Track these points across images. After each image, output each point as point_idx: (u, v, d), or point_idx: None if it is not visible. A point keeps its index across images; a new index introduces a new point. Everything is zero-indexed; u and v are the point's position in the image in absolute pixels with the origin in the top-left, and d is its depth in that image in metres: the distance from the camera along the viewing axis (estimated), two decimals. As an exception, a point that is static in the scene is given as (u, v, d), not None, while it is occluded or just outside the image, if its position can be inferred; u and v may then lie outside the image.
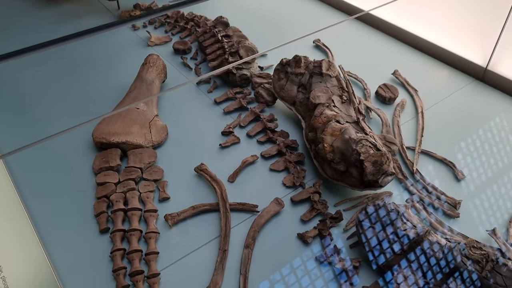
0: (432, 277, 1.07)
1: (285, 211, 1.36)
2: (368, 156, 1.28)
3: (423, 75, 1.93)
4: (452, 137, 1.62)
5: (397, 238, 1.12)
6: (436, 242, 1.09)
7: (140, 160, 1.48)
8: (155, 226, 1.30)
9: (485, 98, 1.81)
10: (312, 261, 1.23)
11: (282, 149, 1.53)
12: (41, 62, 1.98)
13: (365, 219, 1.19)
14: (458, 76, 1.93)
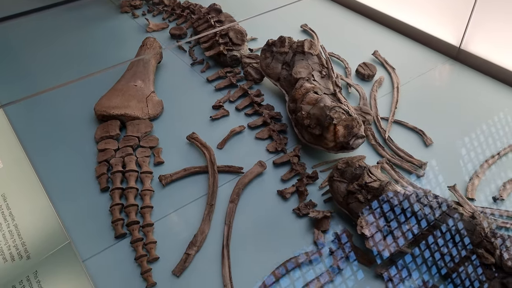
0: (391, 220, 1.21)
1: (267, 172, 1.51)
2: (340, 120, 1.42)
3: (401, 55, 2.06)
4: (424, 109, 1.76)
5: (362, 189, 1.26)
6: (396, 191, 1.23)
7: (137, 130, 1.63)
8: (150, 185, 1.45)
9: (458, 76, 1.94)
10: (289, 213, 1.37)
11: (267, 120, 1.68)
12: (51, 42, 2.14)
13: (338, 176, 1.33)
14: (434, 55, 2.07)
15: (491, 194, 1.41)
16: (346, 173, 1.32)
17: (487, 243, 1.11)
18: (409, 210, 1.20)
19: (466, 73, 1.96)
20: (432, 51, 2.09)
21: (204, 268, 1.23)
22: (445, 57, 2.05)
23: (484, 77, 1.92)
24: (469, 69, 1.97)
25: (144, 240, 1.28)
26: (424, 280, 1.18)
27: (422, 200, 1.20)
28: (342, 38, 2.20)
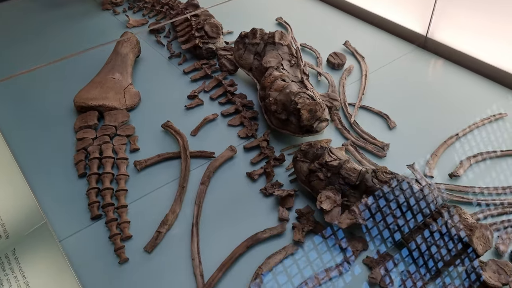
0: (348, 194, 1.29)
1: (238, 156, 1.58)
2: (304, 105, 1.50)
3: (371, 44, 2.14)
4: (390, 95, 1.84)
5: (323, 168, 1.34)
6: (354, 169, 1.31)
7: (114, 120, 1.70)
8: (126, 170, 1.52)
9: (425, 63, 2.03)
10: (257, 193, 1.45)
11: (239, 107, 1.75)
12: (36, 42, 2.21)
13: (301, 157, 1.41)
14: (402, 44, 2.15)
15: (449, 171, 1.49)
16: (309, 154, 1.40)
17: (434, 212, 1.19)
18: (365, 185, 1.28)
19: (432, 60, 2.04)
20: (401, 40, 2.17)
21: (174, 245, 1.31)
22: (413, 45, 2.13)
23: (450, 64, 2.01)
24: (436, 57, 2.05)
25: (118, 220, 1.35)
26: (378, 251, 1.26)
27: (379, 176, 1.28)
28: (315, 30, 2.28)
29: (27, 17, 2.49)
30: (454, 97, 1.82)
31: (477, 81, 1.91)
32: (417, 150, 1.59)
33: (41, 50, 2.18)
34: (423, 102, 1.80)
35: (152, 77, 1.99)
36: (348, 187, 1.30)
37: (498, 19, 1.82)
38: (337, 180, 1.31)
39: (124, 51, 1.96)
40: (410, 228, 1.21)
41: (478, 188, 1.43)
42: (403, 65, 2.02)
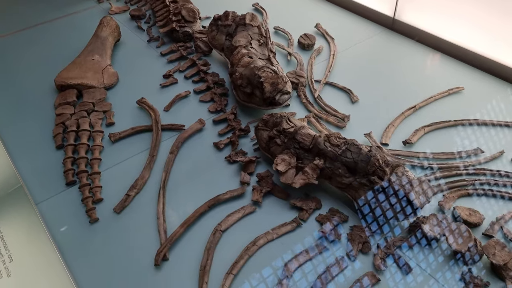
0: (303, 157, 1.38)
1: (206, 129, 1.68)
2: (267, 78, 1.60)
3: (341, 27, 2.24)
4: (356, 73, 1.93)
5: (281, 134, 1.44)
6: (308, 134, 1.41)
7: (92, 97, 1.80)
8: (100, 142, 1.62)
9: (391, 44, 2.12)
10: (222, 161, 1.55)
11: (211, 85, 1.85)
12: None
13: (262, 125, 1.51)
14: (371, 26, 2.24)
15: (404, 139, 1.58)
16: (269, 123, 1.50)
17: (379, 171, 1.28)
18: (318, 148, 1.37)
19: (399, 41, 2.13)
20: (370, 22, 2.27)
21: (142, 206, 1.41)
22: (382, 27, 2.22)
23: (415, 44, 2.10)
24: (403, 37, 2.15)
25: (91, 185, 1.45)
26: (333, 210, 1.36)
27: (331, 141, 1.37)
28: (290, 14, 2.37)
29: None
30: (416, 74, 1.92)
31: (439, 58, 2.00)
32: (376, 121, 1.68)
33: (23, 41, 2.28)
34: (387, 79, 1.90)
35: (131, 59, 2.09)
36: (302, 151, 1.40)
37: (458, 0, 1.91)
38: (293, 145, 1.41)
39: (104, 35, 2.05)
40: (357, 185, 1.31)
41: (428, 153, 1.52)
42: (371, 45, 2.11)
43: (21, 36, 2.31)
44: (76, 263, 1.26)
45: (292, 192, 1.41)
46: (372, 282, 1.17)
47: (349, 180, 1.32)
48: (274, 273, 1.20)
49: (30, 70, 2.03)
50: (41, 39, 2.27)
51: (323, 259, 1.24)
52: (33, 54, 2.15)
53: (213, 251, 1.26)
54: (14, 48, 2.21)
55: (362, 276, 1.18)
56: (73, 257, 1.27)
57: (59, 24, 2.40)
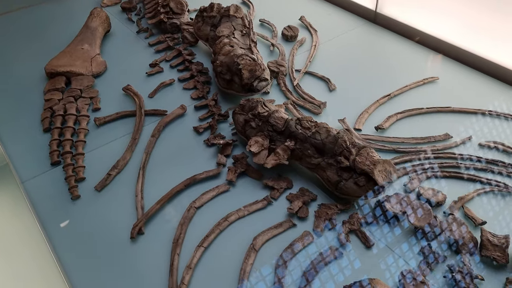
0: (275, 139, 1.45)
1: (188, 114, 1.75)
2: (245, 65, 1.66)
3: (325, 20, 2.30)
4: (336, 63, 2.00)
5: (256, 118, 1.50)
6: (281, 117, 1.47)
7: (80, 84, 1.87)
8: (86, 125, 1.69)
9: (372, 36, 2.18)
10: (201, 144, 1.62)
11: (194, 73, 1.92)
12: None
13: (239, 110, 1.58)
14: (354, 19, 2.30)
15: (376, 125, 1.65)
16: (246, 107, 1.56)
17: (346, 152, 1.35)
18: (290, 131, 1.44)
19: (380, 33, 2.19)
20: (353, 15, 2.33)
21: (122, 185, 1.48)
22: (364, 20, 2.28)
23: (395, 36, 2.16)
24: (384, 30, 2.21)
25: (74, 165, 1.53)
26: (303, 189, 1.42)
27: (302, 124, 1.44)
28: (276, 7, 2.44)
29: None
30: (395, 65, 1.98)
31: (417, 50, 2.06)
32: (352, 109, 1.74)
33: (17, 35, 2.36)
34: (365, 69, 1.96)
35: (120, 49, 2.16)
36: (275, 133, 1.46)
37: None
38: (266, 128, 1.47)
39: (94, 25, 2.13)
40: (324, 165, 1.37)
41: (398, 138, 1.58)
42: (352, 37, 2.18)
43: (12, 18, 2.38)
44: (57, 237, 1.32)
45: (265, 172, 1.48)
46: (335, 255, 1.23)
47: (317, 161, 1.39)
48: (244, 246, 1.26)
49: (21, 58, 2.10)
50: (32, 24, 2.35)
51: (291, 234, 1.30)
52: (24, 41, 2.22)
53: (187, 226, 1.33)
54: (5, 31, 2.29)
55: (325, 249, 1.25)
56: (54, 231, 1.34)
57: (50, 8, 2.47)
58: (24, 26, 2.36)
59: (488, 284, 1.17)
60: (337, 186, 1.35)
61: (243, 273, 1.20)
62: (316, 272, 1.20)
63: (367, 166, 1.30)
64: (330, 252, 1.24)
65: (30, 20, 2.41)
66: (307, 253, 1.25)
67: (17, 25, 2.37)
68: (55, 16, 2.45)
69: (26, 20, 2.41)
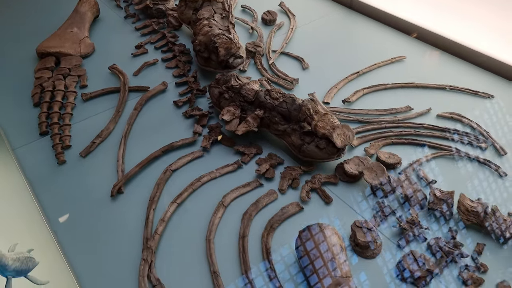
0: (246, 109, 1.57)
1: (169, 90, 1.87)
2: (221, 43, 1.78)
3: (303, 5, 2.42)
4: (310, 45, 2.12)
5: (229, 90, 1.62)
6: (252, 89, 1.59)
7: (69, 64, 1.99)
8: (73, 100, 1.81)
9: (348, 21, 2.30)
10: (180, 116, 1.73)
11: (176, 53, 2.04)
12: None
13: (214, 84, 1.70)
14: (331, 4, 2.42)
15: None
16: (220, 81, 1.68)
17: (309, 118, 1.47)
18: (259, 101, 1.56)
19: (355, 18, 2.32)
20: (331, 1, 2.45)
21: (105, 152, 1.59)
22: (341, 6, 2.41)
23: (369, 20, 2.28)
24: (359, 15, 2.33)
25: (61, 134, 1.65)
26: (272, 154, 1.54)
27: (271, 94, 1.56)
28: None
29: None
30: (367, 47, 2.10)
31: (388, 33, 2.18)
32: (323, 85, 1.86)
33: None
34: (338, 50, 2.08)
35: (108, 33, 2.28)
36: (246, 104, 1.58)
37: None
38: (238, 98, 1.59)
39: (83, 10, 2.25)
40: (290, 131, 1.49)
41: (363, 110, 1.70)
42: (328, 21, 2.30)
43: (6, 3, 2.49)
44: (45, 197, 1.44)
45: (237, 141, 1.60)
46: (296, 210, 1.36)
47: (284, 127, 1.51)
48: (214, 204, 1.38)
49: (13, 41, 2.22)
50: (25, 9, 2.46)
51: (258, 193, 1.42)
52: (17, 25, 2.34)
53: (163, 186, 1.45)
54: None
55: (288, 204, 1.37)
56: (42, 192, 1.46)
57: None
58: (17, 11, 2.47)
59: (433, 234, 1.29)
60: (300, 149, 1.47)
61: (212, 225, 1.32)
62: (278, 223, 1.32)
63: (327, 130, 1.42)
64: (292, 207, 1.36)
65: (23, 6, 2.52)
66: (272, 208, 1.37)
67: (10, 11, 2.48)
68: (46, 2, 2.56)
69: (20, 6, 2.52)
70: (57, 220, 1.38)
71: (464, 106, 1.73)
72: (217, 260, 1.24)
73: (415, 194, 1.35)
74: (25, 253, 1.19)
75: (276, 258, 1.24)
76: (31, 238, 1.34)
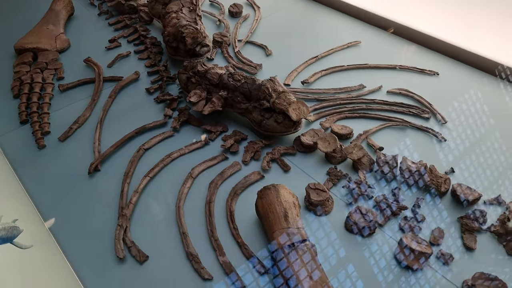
0: (211, 91, 1.71)
1: (141, 79, 2.00)
2: (188, 33, 1.92)
3: None
4: (273, 34, 2.27)
5: (196, 75, 1.76)
6: (216, 73, 1.73)
7: (46, 58, 2.11)
8: (51, 91, 1.93)
9: (310, 11, 2.46)
10: (152, 102, 1.87)
11: (148, 45, 2.17)
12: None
13: (182, 70, 1.83)
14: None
15: (303, 81, 1.92)
16: (188, 67, 1.82)
17: (268, 96, 1.61)
18: (223, 83, 1.70)
19: (316, 9, 2.48)
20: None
21: (82, 137, 1.72)
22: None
23: (329, 10, 2.44)
24: (319, 5, 2.49)
25: (40, 122, 1.77)
26: (236, 131, 1.68)
27: (234, 77, 1.70)
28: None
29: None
30: (326, 34, 2.26)
31: (346, 21, 2.35)
32: (285, 69, 2.01)
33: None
34: (300, 38, 2.24)
35: (82, 29, 2.40)
36: (212, 86, 1.72)
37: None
38: (204, 82, 1.73)
39: (58, 8, 2.36)
40: (251, 108, 1.64)
41: (320, 89, 1.86)
42: (291, 12, 2.45)
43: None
44: (28, 179, 1.55)
45: (204, 121, 1.74)
46: (258, 178, 1.50)
47: (246, 106, 1.65)
48: (184, 176, 1.52)
49: None
50: (1, 9, 2.57)
51: (223, 166, 1.57)
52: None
53: (136, 163, 1.58)
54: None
55: (250, 173, 1.51)
56: (25, 173, 1.58)
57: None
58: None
59: (379, 191, 1.45)
60: (261, 124, 1.62)
61: (181, 194, 1.46)
62: (242, 190, 1.46)
63: (284, 106, 1.57)
64: (253, 175, 1.51)
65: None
66: (236, 178, 1.52)
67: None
68: (21, 1, 2.67)
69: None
70: (39, 196, 1.50)
71: (412, 83, 1.90)
72: (186, 223, 1.38)
73: (364, 158, 1.51)
74: (10, 223, 1.31)
75: (239, 219, 1.38)
76: (15, 211, 1.45)
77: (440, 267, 1.25)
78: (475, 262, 1.26)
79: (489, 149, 1.60)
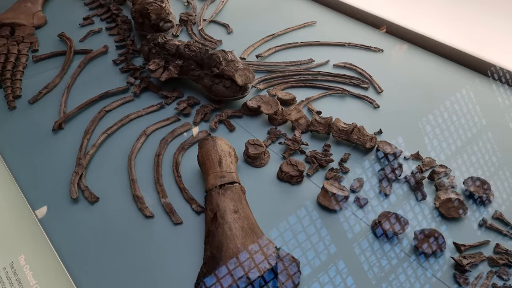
0: (169, 61, 1.87)
1: (110, 52, 2.16)
2: (153, 10, 2.08)
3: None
4: (237, 15, 2.43)
5: (156, 46, 1.92)
6: (175, 44, 1.89)
7: (22, 32, 2.27)
8: (25, 61, 2.09)
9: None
10: (118, 72, 2.03)
11: (119, 23, 2.33)
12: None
13: (145, 43, 1.99)
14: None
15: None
16: (150, 40, 1.98)
17: (218, 64, 1.77)
18: (180, 53, 1.86)
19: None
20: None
21: (50, 101, 1.87)
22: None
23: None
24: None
25: (12, 87, 1.92)
26: (190, 96, 1.84)
27: (190, 48, 1.86)
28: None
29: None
30: (285, 15, 2.42)
31: (305, 2, 2.51)
32: (243, 45, 2.17)
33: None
34: (262, 19, 2.40)
35: (59, 8, 2.55)
36: (170, 56, 1.88)
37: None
38: (163, 52, 1.89)
39: None
40: (203, 75, 1.80)
41: (272, 62, 2.02)
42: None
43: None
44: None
45: (163, 88, 1.90)
46: (205, 135, 1.66)
47: (198, 73, 1.81)
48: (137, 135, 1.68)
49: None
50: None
51: (176, 126, 1.73)
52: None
53: (97, 122, 1.74)
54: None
55: (198, 132, 1.68)
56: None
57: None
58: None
59: (311, 147, 1.61)
60: (211, 89, 1.78)
61: (134, 148, 1.62)
62: (189, 145, 1.63)
63: (231, 72, 1.73)
64: (201, 133, 1.67)
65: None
66: (185, 136, 1.68)
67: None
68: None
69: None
70: (8, 150, 1.65)
71: (359, 59, 2.06)
72: (136, 172, 1.54)
73: (301, 120, 1.68)
74: (-24, 167, 1.47)
75: (184, 170, 1.54)
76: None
77: (356, 210, 1.41)
78: (390, 206, 1.43)
79: (420, 114, 1.77)
